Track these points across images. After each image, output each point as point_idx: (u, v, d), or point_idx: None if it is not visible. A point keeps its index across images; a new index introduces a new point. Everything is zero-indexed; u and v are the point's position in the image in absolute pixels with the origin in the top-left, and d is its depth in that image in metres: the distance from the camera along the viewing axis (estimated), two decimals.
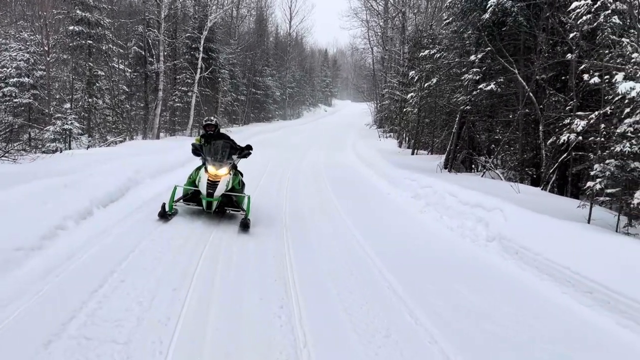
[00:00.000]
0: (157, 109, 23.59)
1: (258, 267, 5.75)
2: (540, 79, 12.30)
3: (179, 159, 13.55)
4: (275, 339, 3.98)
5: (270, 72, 46.80)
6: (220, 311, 4.40)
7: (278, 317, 4.39)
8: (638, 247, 5.45)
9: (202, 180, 7.59)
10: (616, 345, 4.36)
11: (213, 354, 3.65)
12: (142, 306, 4.28)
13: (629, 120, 6.68)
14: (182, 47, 28.55)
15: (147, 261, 5.46)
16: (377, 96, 40.76)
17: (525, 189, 10.32)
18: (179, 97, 27.70)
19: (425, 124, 21.53)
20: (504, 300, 5.38)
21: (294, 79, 56.81)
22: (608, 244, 5.69)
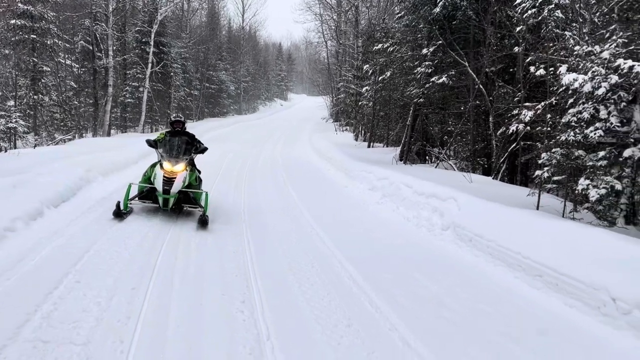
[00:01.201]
0: (107, 106, 22.91)
1: (218, 263, 5.73)
2: (490, 71, 12.70)
3: (132, 156, 13.24)
4: (238, 333, 3.99)
5: (224, 66, 46.19)
6: (182, 308, 4.37)
7: (240, 312, 4.39)
8: (583, 230, 5.75)
9: (158, 176, 7.42)
10: (564, 326, 4.59)
11: (176, 351, 3.62)
12: (100, 306, 4.20)
13: (572, 110, 7.01)
14: (132, 42, 27.78)
15: (103, 261, 5.34)
16: (332, 90, 40.96)
17: (477, 178, 10.66)
18: (130, 93, 26.98)
19: (380, 117, 21.81)
20: (460, 286, 5.57)
21: (249, 73, 56.30)
22: (555, 229, 5.96)
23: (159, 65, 27.37)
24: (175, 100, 32.28)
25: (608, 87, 6.47)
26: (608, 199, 6.76)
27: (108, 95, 22.88)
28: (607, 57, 6.61)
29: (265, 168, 16.06)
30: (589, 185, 6.41)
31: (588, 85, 6.54)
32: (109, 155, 12.18)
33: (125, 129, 27.89)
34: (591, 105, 6.76)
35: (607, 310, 4.55)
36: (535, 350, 4.06)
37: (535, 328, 4.54)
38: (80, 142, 17.37)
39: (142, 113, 25.87)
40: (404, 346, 3.98)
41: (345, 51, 36.14)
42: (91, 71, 24.61)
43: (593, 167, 6.66)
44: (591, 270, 4.90)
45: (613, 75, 6.41)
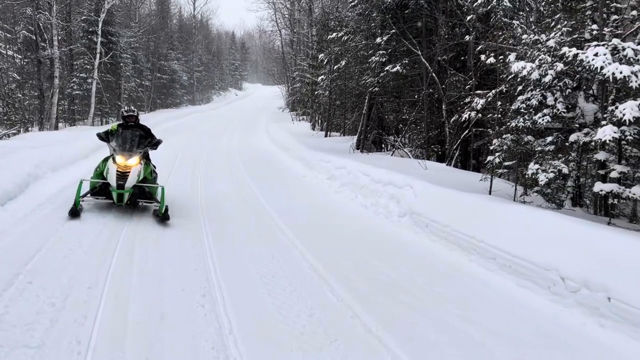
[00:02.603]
0: (53, 98, 21.99)
1: (177, 258, 5.64)
2: (442, 59, 12.95)
3: (82, 149, 12.80)
4: (200, 327, 3.95)
5: (176, 56, 45.10)
6: (141, 305, 4.28)
7: (201, 306, 4.35)
8: (533, 213, 5.98)
9: (111, 171, 7.14)
10: (518, 305, 4.78)
11: (136, 349, 3.56)
12: (54, 307, 4.06)
13: (521, 97, 7.25)
14: (78, 31, 26.70)
15: (56, 260, 5.16)
16: (288, 79, 40.72)
17: (432, 165, 10.89)
18: (77, 85, 25.97)
19: (336, 106, 21.89)
20: (418, 271, 5.70)
21: (202, 62, 55.21)
22: (507, 213, 6.18)
23: (107, 55, 26.45)
24: (125, 92, 31.31)
25: (554, 74, 6.73)
26: (556, 183, 7.05)
27: (54, 87, 21.96)
28: (553, 46, 6.85)
29: (222, 160, 15.86)
30: (538, 169, 6.66)
31: (536, 72, 6.77)
32: (58, 150, 11.72)
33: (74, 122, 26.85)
34: (539, 92, 7.02)
35: (557, 290, 4.76)
36: (490, 330, 4.21)
37: (490, 309, 4.70)
38: (26, 137, 16.62)
39: (91, 105, 24.98)
40: (365, 333, 4.05)
41: (300, 40, 35.97)
42: (35, 62, 23.50)
43: (542, 152, 6.92)
44: (542, 252, 5.12)
45: (559, 63, 6.66)
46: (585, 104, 7.03)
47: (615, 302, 4.18)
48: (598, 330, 4.17)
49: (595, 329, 4.20)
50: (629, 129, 5.70)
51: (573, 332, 4.21)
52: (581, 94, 7.10)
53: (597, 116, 6.80)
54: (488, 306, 4.78)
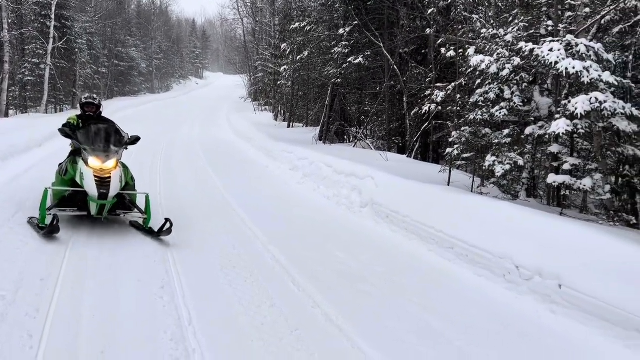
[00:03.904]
0: (3, 84, 21.04)
1: (135, 249, 5.51)
2: (404, 52, 13.08)
3: (35, 137, 12.33)
4: (158, 319, 3.89)
5: (134, 43, 43.90)
6: (96, 297, 4.17)
7: (160, 298, 4.28)
8: (490, 204, 6.14)
9: (88, 177, 5.75)
10: (475, 294, 4.91)
11: (91, 342, 3.47)
12: (4, 300, 3.90)
13: (480, 90, 7.40)
14: (30, 14, 25.58)
15: (6, 252, 4.96)
16: (250, 69, 40.27)
17: (393, 157, 11.00)
18: (29, 70, 24.92)
19: (299, 97, 21.82)
20: (378, 261, 5.77)
21: (161, 50, 53.94)
22: (465, 203, 6.32)
23: (61, 40, 25.46)
24: (81, 79, 30.26)
25: (511, 68, 6.89)
26: (512, 174, 7.25)
27: (4, 73, 21.00)
28: (510, 40, 7.02)
29: (182, 150, 15.58)
30: (495, 161, 6.83)
31: (494, 66, 6.92)
32: (8, 138, 11.24)
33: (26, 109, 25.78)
34: (497, 85, 7.18)
35: (511, 278, 4.92)
36: (448, 318, 4.31)
37: (448, 298, 4.82)
38: None
39: (44, 92, 24.04)
40: (326, 322, 4.07)
41: (263, 29, 35.58)
42: None
43: (498, 144, 7.10)
44: (498, 241, 5.27)
45: (516, 57, 6.83)
46: (540, 98, 7.24)
47: (566, 289, 4.34)
48: (549, 317, 4.32)
49: (547, 315, 4.36)
50: (580, 123, 5.90)
51: (526, 319, 4.36)
52: (536, 88, 7.31)
53: (551, 110, 7.01)
54: (446, 295, 4.89)
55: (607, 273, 4.20)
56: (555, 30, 6.97)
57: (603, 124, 6.16)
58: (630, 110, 5.80)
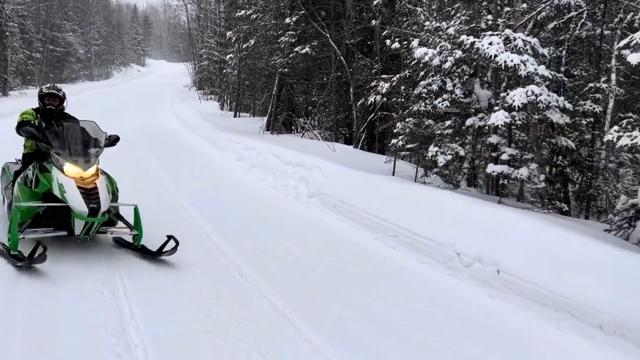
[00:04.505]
0: None
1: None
2: (350, 43, 13.16)
3: None
4: (99, 315, 3.75)
5: (71, 27, 41.87)
6: (31, 296, 3.98)
7: (100, 293, 4.13)
8: (432, 193, 6.32)
9: (70, 189, 4.67)
10: (419, 280, 5.04)
11: (27, 342, 3.30)
12: None
13: (423, 82, 7.57)
14: None
15: None
16: (194, 56, 39.32)
17: (340, 147, 11.09)
18: None
19: (246, 86, 21.53)
20: (325, 250, 5.82)
21: (100, 35, 51.76)
22: (409, 193, 6.47)
23: None
24: (13, 64, 28.59)
25: (453, 61, 7.08)
26: (453, 164, 7.48)
27: None
28: (452, 33, 7.20)
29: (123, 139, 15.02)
30: (438, 152, 7.01)
31: (437, 59, 7.08)
32: None
33: None
34: (439, 78, 7.36)
35: (453, 264, 5.08)
36: (393, 304, 4.42)
37: (393, 285, 4.93)
38: None
39: None
40: (272, 312, 4.07)
41: (207, 16, 34.80)
42: None
43: (441, 135, 7.29)
44: (440, 229, 5.43)
45: (457, 50, 7.01)
46: (480, 90, 7.48)
47: (504, 275, 4.53)
48: (488, 301, 4.51)
49: (485, 299, 4.54)
50: (518, 115, 6.15)
51: (467, 303, 4.52)
52: (477, 81, 7.54)
53: (490, 102, 7.26)
54: (391, 282, 5.00)
55: (541, 258, 4.41)
56: (495, 25, 7.21)
57: (538, 116, 6.44)
58: (563, 103, 6.10)
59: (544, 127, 6.97)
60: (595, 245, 4.34)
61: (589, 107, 7.75)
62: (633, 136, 4.98)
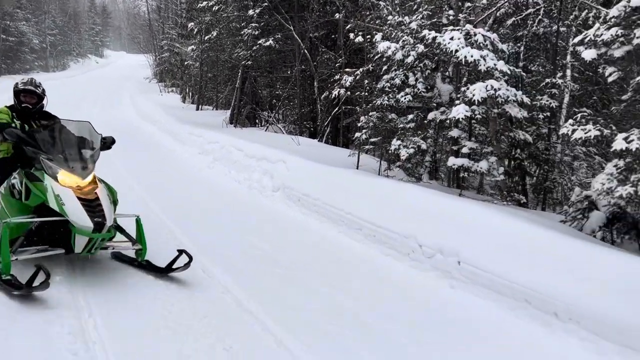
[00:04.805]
0: None
1: None
2: (314, 36, 13.13)
3: None
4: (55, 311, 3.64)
5: (25, 16, 40.27)
6: None
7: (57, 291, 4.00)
8: (395, 185, 6.40)
9: (69, 200, 4.07)
10: (382, 272, 5.10)
11: None
12: None
13: (386, 76, 7.63)
14: None
15: None
16: (155, 48, 38.46)
17: (305, 141, 11.07)
18: None
19: (208, 79, 21.22)
20: (290, 244, 5.82)
21: (56, 25, 49.97)
22: (372, 186, 6.52)
23: None
24: None
25: (416, 55, 7.16)
26: (416, 158, 7.58)
27: None
28: (415, 28, 7.27)
29: None
30: (400, 145, 7.09)
31: (399, 53, 7.15)
32: None
33: None
34: (402, 72, 7.43)
35: (415, 256, 5.16)
36: (357, 296, 4.46)
37: (357, 277, 4.97)
38: None
39: None
40: (237, 307, 4.04)
41: (168, 7, 34.05)
42: None
43: (403, 129, 7.37)
44: (403, 222, 5.50)
45: (420, 44, 7.09)
46: (442, 84, 7.59)
47: (464, 266, 4.64)
48: (449, 291, 4.60)
49: (447, 290, 4.63)
50: (478, 109, 6.28)
51: (430, 294, 4.61)
52: (439, 75, 7.65)
53: (452, 96, 7.38)
54: (356, 274, 5.04)
55: (500, 249, 4.54)
56: (456, 20, 7.32)
57: (498, 110, 6.60)
58: (521, 98, 6.26)
59: (502, 121, 7.14)
60: (551, 236, 4.49)
61: (545, 101, 7.99)
62: (586, 130, 5.16)
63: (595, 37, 5.23)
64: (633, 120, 5.54)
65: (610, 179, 4.86)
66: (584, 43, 5.43)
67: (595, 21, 5.50)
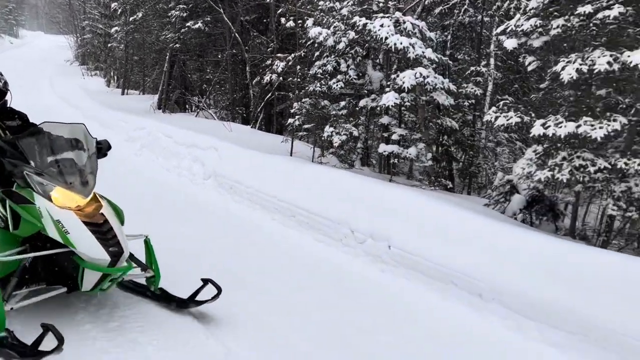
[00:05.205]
0: None
1: None
2: (245, 20, 12.88)
3: None
4: None
5: None
6: None
7: None
8: (328, 172, 6.42)
9: (74, 226, 3.19)
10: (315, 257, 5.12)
11: None
12: None
13: (318, 62, 7.61)
14: None
15: None
16: (76, 29, 36.34)
17: (237, 127, 10.89)
18: None
19: (134, 62, 20.34)
20: (221, 232, 5.72)
21: None
22: (306, 173, 6.52)
23: None
24: None
25: (347, 42, 7.19)
26: (348, 144, 7.65)
27: None
28: (346, 14, 7.28)
29: None
30: (333, 132, 7.12)
31: (331, 39, 7.14)
32: None
33: None
34: (334, 58, 7.44)
35: (347, 242, 5.23)
36: (288, 282, 4.45)
37: (290, 262, 4.97)
38: None
39: None
40: None
41: None
42: None
43: (336, 115, 7.41)
44: (335, 208, 5.55)
45: (351, 31, 7.12)
46: (373, 71, 7.68)
47: (394, 250, 4.75)
48: (380, 275, 4.70)
49: (378, 274, 4.72)
50: (407, 96, 6.41)
51: (361, 278, 4.68)
52: (370, 62, 7.73)
53: (382, 83, 7.49)
54: (289, 260, 5.03)
55: (427, 232, 4.68)
56: (386, 7, 7.40)
57: (426, 97, 6.77)
58: (448, 85, 6.46)
59: (430, 108, 7.35)
60: (474, 219, 4.69)
61: (471, 89, 8.30)
62: (508, 117, 5.40)
63: (516, 28, 5.46)
64: (550, 107, 5.86)
65: (530, 163, 5.13)
66: (506, 33, 5.66)
67: (516, 12, 5.72)
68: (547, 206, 5.96)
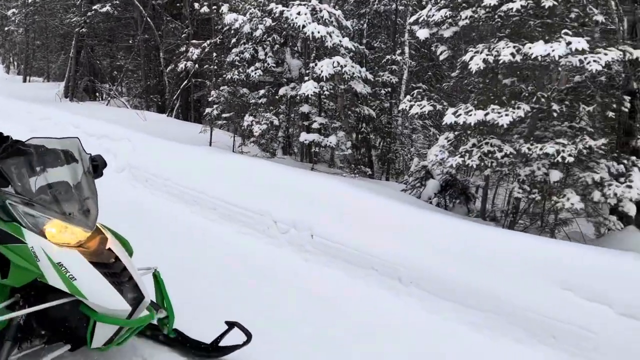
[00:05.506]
0: None
1: None
2: (157, 4, 12.34)
3: None
4: None
5: None
6: None
7: None
8: (249, 162, 6.34)
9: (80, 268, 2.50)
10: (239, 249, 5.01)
11: None
12: None
13: (235, 50, 7.46)
14: None
15: None
16: None
17: (152, 116, 10.48)
18: None
19: (37, 47, 18.93)
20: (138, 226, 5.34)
21: None
22: (226, 163, 6.39)
23: None
24: None
25: (264, 29, 7.10)
26: (269, 133, 7.59)
27: None
28: (262, 1, 7.18)
29: None
30: (253, 121, 7.05)
31: (247, 26, 7.02)
32: None
33: None
34: (251, 45, 7.33)
35: (271, 232, 5.19)
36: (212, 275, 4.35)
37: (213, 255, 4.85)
38: None
39: None
40: None
41: None
42: None
43: (256, 104, 7.32)
44: (258, 199, 5.48)
45: (268, 18, 7.03)
46: (291, 60, 7.64)
47: (317, 239, 4.78)
48: (303, 264, 4.71)
49: (301, 263, 4.74)
50: (326, 85, 6.45)
51: (285, 269, 4.66)
52: (288, 50, 7.69)
53: (301, 72, 7.48)
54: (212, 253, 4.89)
55: (347, 219, 4.76)
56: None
57: (344, 86, 6.85)
58: (365, 74, 6.57)
59: (349, 96, 7.44)
60: (390, 204, 4.83)
61: (387, 77, 8.50)
62: (422, 105, 5.59)
63: (428, 18, 5.64)
64: (461, 95, 6.14)
65: (442, 150, 5.35)
66: (418, 23, 5.83)
67: (428, 2, 5.90)
68: (460, 190, 6.26)
